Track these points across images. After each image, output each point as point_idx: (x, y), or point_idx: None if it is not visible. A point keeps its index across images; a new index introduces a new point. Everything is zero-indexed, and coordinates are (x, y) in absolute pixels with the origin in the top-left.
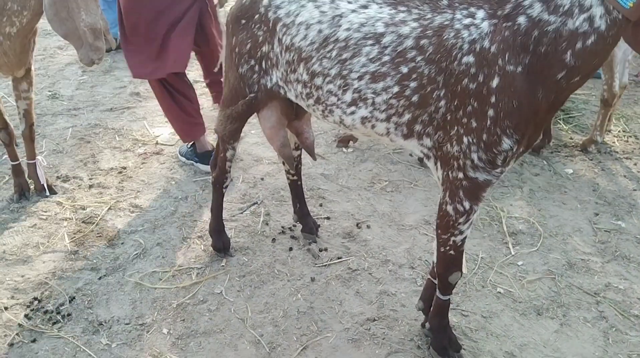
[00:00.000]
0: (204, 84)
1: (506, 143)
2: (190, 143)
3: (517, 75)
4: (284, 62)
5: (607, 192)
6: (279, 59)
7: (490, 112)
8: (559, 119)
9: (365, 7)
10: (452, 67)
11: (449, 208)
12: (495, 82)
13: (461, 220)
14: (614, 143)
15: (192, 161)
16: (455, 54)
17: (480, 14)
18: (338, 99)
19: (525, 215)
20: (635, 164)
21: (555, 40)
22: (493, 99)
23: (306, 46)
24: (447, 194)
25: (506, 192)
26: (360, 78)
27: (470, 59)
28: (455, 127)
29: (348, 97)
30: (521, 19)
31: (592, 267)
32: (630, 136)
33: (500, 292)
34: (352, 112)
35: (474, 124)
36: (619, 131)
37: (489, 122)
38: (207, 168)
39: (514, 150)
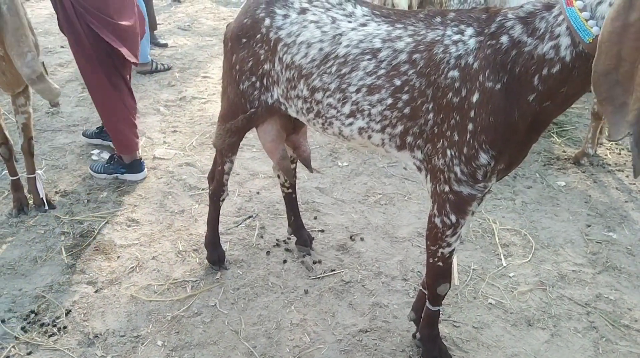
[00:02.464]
0: (204, 100)
1: (483, 158)
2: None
3: (495, 92)
4: (284, 80)
5: (599, 204)
6: (280, 76)
7: (470, 126)
8: (552, 132)
9: (364, 25)
10: (439, 80)
11: (437, 221)
12: (475, 97)
13: (448, 233)
14: (606, 155)
15: (116, 174)
16: (442, 68)
17: (469, 31)
18: (337, 112)
19: (517, 227)
20: (627, 176)
21: (527, 62)
22: (472, 114)
23: (307, 64)
24: (435, 206)
25: (498, 204)
26: (358, 91)
27: (455, 73)
28: (441, 140)
29: (347, 109)
30: (504, 39)
31: (583, 278)
32: (622, 149)
33: (491, 303)
34: (350, 124)
35: (456, 138)
36: (610, 144)
37: (468, 136)
38: (139, 176)
39: (491, 165)
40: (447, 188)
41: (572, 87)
